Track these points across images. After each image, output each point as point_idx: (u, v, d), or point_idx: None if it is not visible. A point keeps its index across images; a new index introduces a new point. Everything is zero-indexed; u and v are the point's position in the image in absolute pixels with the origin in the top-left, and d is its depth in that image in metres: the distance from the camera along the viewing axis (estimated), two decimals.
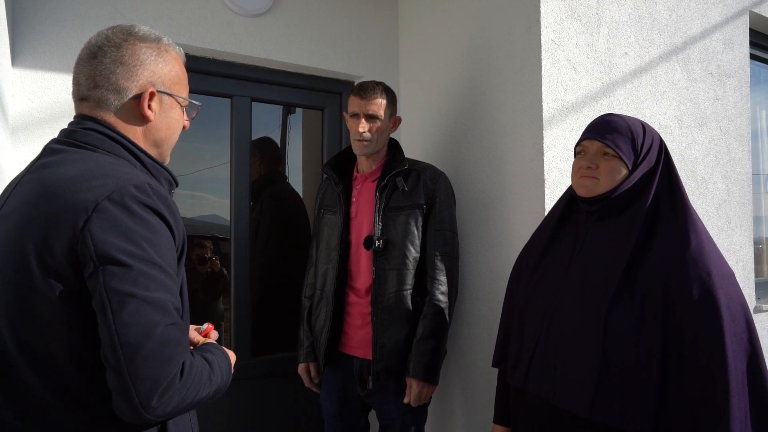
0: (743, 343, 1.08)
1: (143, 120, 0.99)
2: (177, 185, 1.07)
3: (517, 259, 1.46)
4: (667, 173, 1.23)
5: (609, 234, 1.23)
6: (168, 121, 1.03)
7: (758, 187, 2.97)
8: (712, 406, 1.04)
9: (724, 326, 1.06)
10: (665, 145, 1.25)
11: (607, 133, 1.21)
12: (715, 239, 2.28)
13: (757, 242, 2.89)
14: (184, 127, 1.09)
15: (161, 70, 1.00)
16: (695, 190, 2.23)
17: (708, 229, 2.22)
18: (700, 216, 2.24)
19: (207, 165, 2.46)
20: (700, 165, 2.25)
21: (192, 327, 1.14)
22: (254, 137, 2.40)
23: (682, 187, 1.21)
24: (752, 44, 2.62)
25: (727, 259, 2.29)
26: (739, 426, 1.03)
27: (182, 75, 1.05)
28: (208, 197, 2.46)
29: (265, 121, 2.53)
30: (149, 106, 0.98)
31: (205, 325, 1.15)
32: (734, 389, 1.04)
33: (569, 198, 1.34)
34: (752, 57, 2.71)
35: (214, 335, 1.15)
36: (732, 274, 1.14)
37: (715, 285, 1.08)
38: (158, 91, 1.00)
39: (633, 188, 1.20)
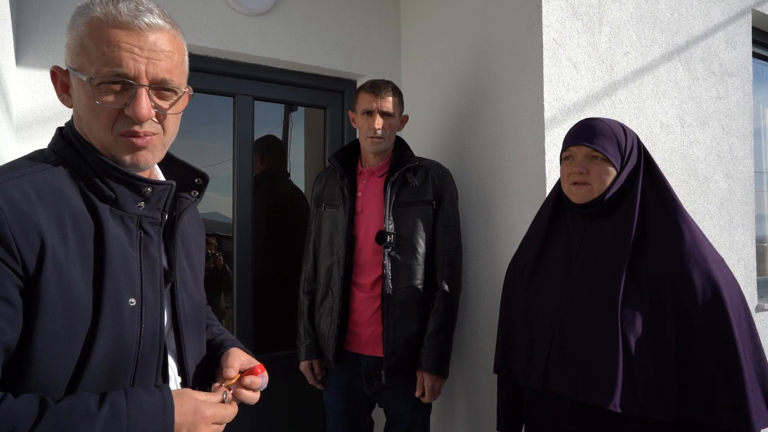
0: (743, 321, 1.15)
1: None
2: (146, 186, 0.85)
3: (510, 264, 1.48)
4: (648, 169, 1.28)
5: (605, 233, 1.27)
6: (78, 107, 0.83)
7: (761, 185, 2.96)
8: (728, 387, 1.09)
9: (728, 308, 1.12)
10: (642, 143, 1.31)
11: (594, 138, 1.25)
12: (717, 238, 2.29)
13: (760, 240, 2.89)
14: (116, 113, 0.81)
15: (68, 45, 0.83)
16: (697, 189, 2.23)
17: (709, 228, 2.25)
18: (702, 215, 2.25)
19: (209, 163, 2.47)
20: (702, 164, 2.25)
21: (237, 356, 0.96)
22: (256, 135, 2.41)
23: (666, 180, 1.26)
24: (755, 43, 2.61)
25: (728, 258, 2.32)
26: (754, 402, 1.08)
27: (89, 42, 0.79)
28: (210, 195, 2.47)
29: (268, 119, 2.53)
30: (63, 90, 0.86)
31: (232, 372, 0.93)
32: (745, 369, 1.09)
33: (556, 200, 1.37)
34: (755, 56, 2.71)
35: (254, 381, 0.92)
36: (722, 260, 1.21)
37: (713, 270, 1.15)
38: (59, 70, 0.85)
39: (621, 188, 1.26)
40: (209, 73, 2.17)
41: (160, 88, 0.84)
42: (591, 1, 1.90)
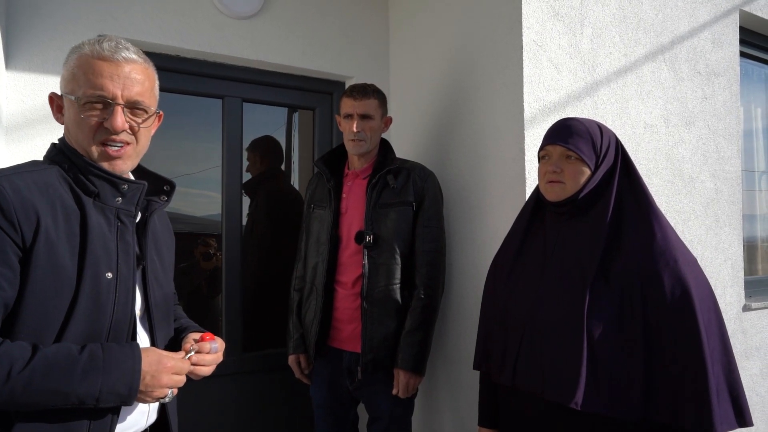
0: (713, 323, 1.15)
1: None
2: (123, 184, 1.04)
3: (492, 263, 1.50)
4: (626, 169, 1.28)
5: (579, 232, 1.28)
6: (68, 122, 1.04)
7: (752, 185, 2.96)
8: (693, 388, 1.10)
9: (696, 309, 1.12)
10: (621, 143, 1.31)
11: (569, 137, 1.26)
12: (703, 238, 2.30)
13: (750, 240, 2.89)
14: (97, 125, 1.00)
15: (63, 76, 1.04)
16: (682, 189, 2.24)
17: (695, 228, 2.26)
18: (687, 215, 2.25)
19: (202, 166, 2.49)
20: (688, 164, 2.26)
21: (195, 334, 1.16)
22: (254, 137, 2.44)
23: (642, 181, 1.27)
24: (743, 42, 2.61)
25: (715, 258, 2.32)
26: (718, 404, 1.09)
27: (78, 72, 1.00)
28: (212, 195, 2.49)
29: (272, 121, 2.56)
30: (58, 111, 1.06)
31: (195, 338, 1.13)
32: (710, 370, 1.10)
33: (536, 200, 1.39)
34: (744, 55, 2.71)
35: (202, 346, 1.10)
36: (695, 261, 1.21)
37: (683, 271, 1.15)
38: (56, 95, 1.06)
39: (596, 187, 1.27)
40: (198, 75, 2.21)
41: (133, 107, 1.03)
42: (573, 3, 1.92)
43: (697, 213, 2.30)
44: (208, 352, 1.10)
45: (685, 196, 2.25)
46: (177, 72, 2.16)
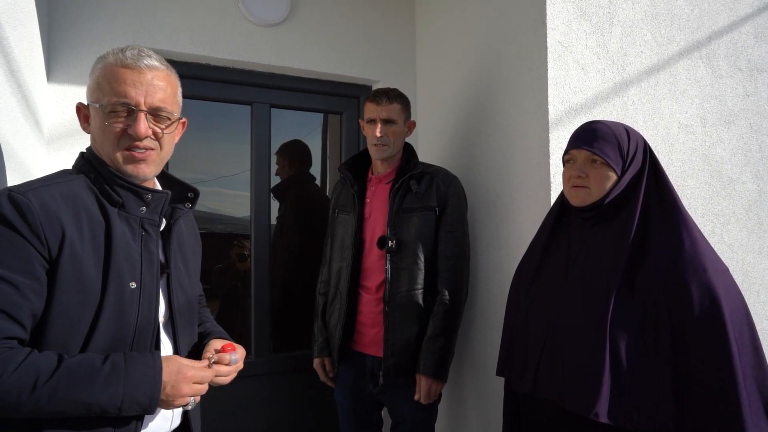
0: (745, 335, 1.10)
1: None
2: (147, 194, 1.06)
3: (517, 269, 1.48)
4: (654, 174, 1.24)
5: (604, 238, 1.25)
6: (94, 130, 1.06)
7: None
8: (723, 403, 1.06)
9: (726, 320, 1.07)
10: (649, 146, 1.26)
11: (594, 141, 1.22)
12: (744, 242, 2.19)
13: None
14: (121, 132, 1.02)
15: (88, 86, 1.07)
16: (720, 191, 2.14)
17: (736, 232, 2.16)
18: (727, 218, 2.16)
19: (234, 170, 2.55)
20: (727, 164, 2.16)
21: (217, 342, 1.19)
22: (286, 140, 2.49)
23: (671, 186, 1.22)
24: None
25: (758, 263, 2.22)
26: (751, 421, 1.04)
27: (103, 81, 1.02)
28: (247, 195, 2.55)
29: (305, 124, 2.60)
30: (85, 120, 1.09)
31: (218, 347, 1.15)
32: (742, 385, 1.05)
33: (561, 205, 1.36)
34: None
35: (222, 357, 1.12)
36: (726, 270, 1.15)
37: (712, 280, 1.10)
38: (82, 105, 1.09)
39: (623, 192, 1.22)
40: (227, 83, 2.27)
41: (155, 113, 1.05)
42: (600, 2, 1.87)
43: (738, 216, 2.19)
44: (227, 364, 1.11)
45: (724, 198, 2.15)
46: (207, 80, 2.22)
